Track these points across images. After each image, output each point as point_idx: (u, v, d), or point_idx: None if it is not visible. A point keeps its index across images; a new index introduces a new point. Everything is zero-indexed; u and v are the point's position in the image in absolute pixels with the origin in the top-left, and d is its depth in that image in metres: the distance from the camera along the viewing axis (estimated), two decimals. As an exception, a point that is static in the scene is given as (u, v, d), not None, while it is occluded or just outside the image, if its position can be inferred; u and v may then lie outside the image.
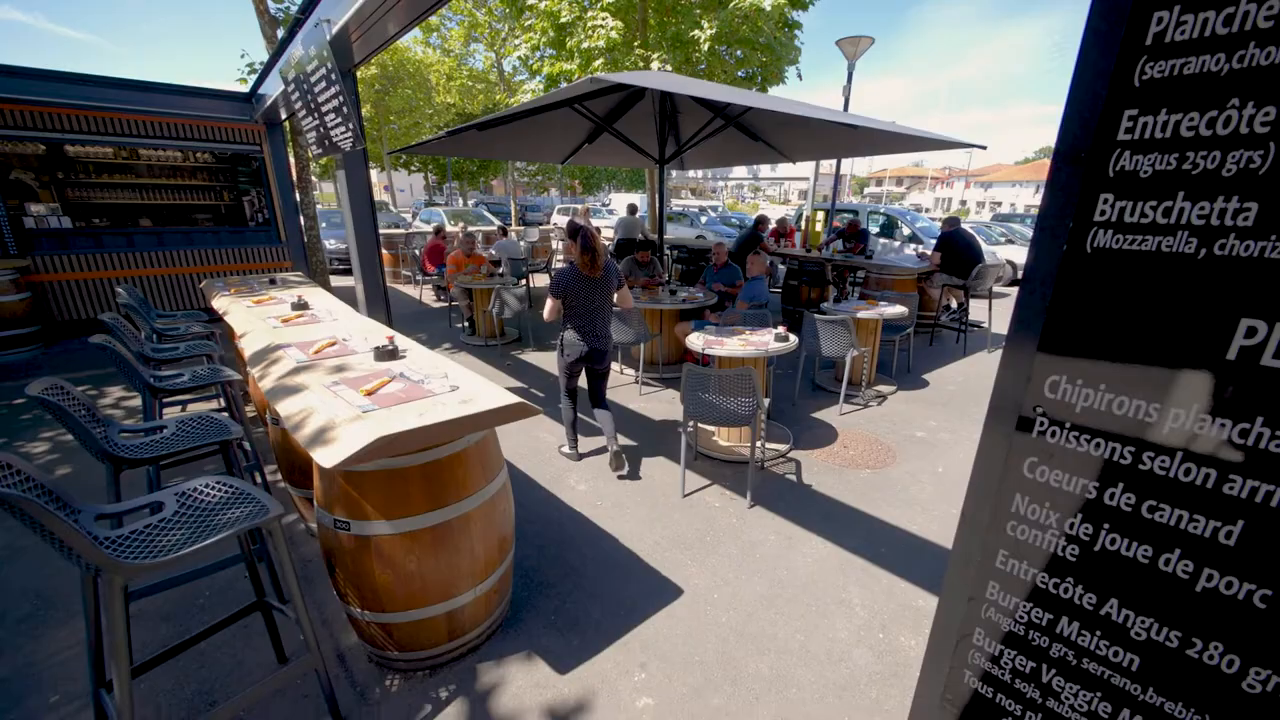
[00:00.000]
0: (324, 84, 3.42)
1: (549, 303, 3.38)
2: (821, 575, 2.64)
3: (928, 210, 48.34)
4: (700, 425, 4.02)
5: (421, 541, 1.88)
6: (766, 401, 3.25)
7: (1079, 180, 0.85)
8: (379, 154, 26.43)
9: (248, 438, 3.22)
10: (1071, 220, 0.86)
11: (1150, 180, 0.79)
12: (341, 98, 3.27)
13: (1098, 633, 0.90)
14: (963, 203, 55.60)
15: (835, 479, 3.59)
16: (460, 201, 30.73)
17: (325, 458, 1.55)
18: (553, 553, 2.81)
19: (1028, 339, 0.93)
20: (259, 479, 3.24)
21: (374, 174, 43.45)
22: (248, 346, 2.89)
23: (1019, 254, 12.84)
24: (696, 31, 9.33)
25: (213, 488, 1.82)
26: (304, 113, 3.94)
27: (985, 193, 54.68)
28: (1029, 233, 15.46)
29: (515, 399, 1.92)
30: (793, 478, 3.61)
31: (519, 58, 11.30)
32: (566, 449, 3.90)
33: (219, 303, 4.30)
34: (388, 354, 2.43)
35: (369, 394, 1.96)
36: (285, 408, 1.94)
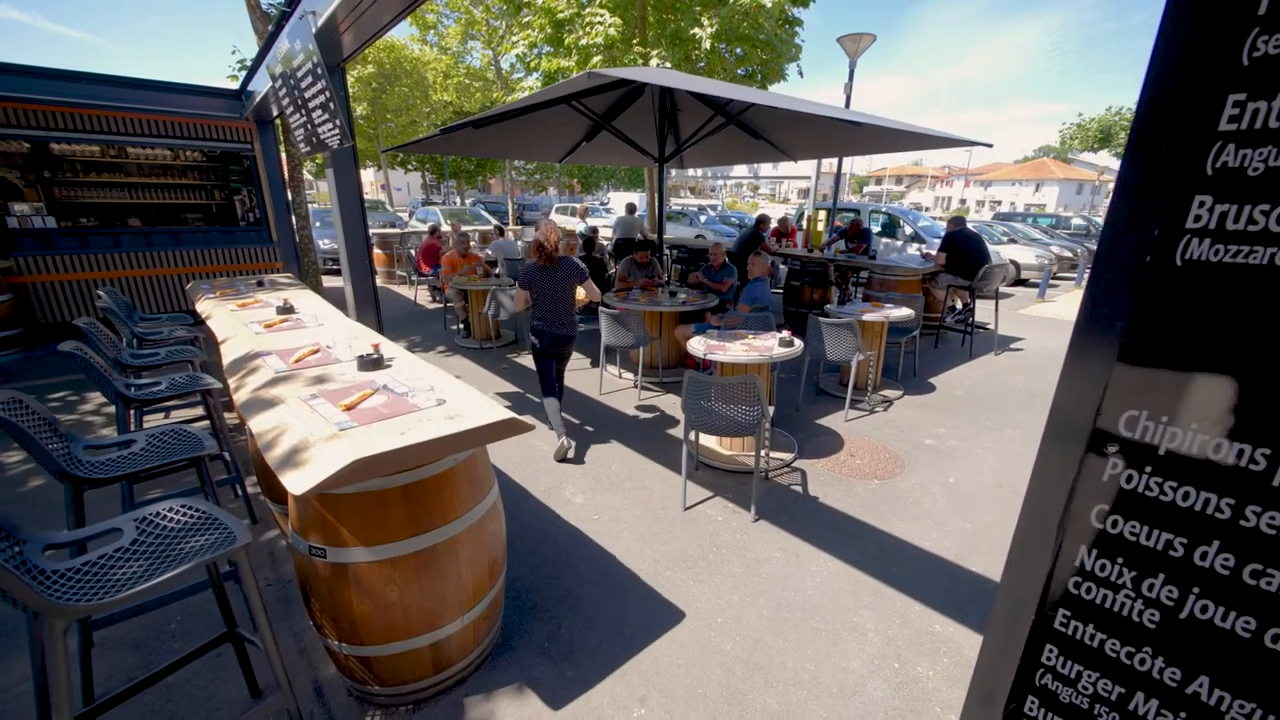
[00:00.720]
0: (310, 79, 3.27)
1: (517, 293, 3.76)
2: (831, 597, 2.50)
3: (927, 209, 48.24)
4: (702, 434, 3.88)
5: (403, 569, 1.74)
6: (771, 410, 3.12)
7: (1165, 179, 0.71)
8: (375, 152, 26.26)
9: (227, 449, 3.08)
10: (1156, 227, 0.72)
11: (1262, 179, 0.65)
12: (328, 93, 3.12)
13: (1183, 715, 0.76)
14: (962, 201, 55.44)
15: (842, 490, 3.45)
16: (458, 200, 30.53)
17: (295, 483, 1.41)
18: (547, 572, 2.67)
19: (1096, 367, 0.79)
20: (239, 492, 3.10)
21: (370, 173, 43.24)
22: (227, 354, 2.75)
23: (1021, 253, 12.72)
24: (696, 29, 9.18)
25: (177, 512, 1.67)
26: (291, 109, 3.80)
27: (985, 191, 54.47)
28: (1033, 232, 15.34)
29: (506, 414, 1.78)
30: (798, 489, 3.47)
31: (516, 55, 11.14)
32: (561, 440, 3.82)
33: (203, 306, 4.16)
34: (372, 363, 2.29)
35: (348, 409, 1.81)
36: (258, 423, 1.80)
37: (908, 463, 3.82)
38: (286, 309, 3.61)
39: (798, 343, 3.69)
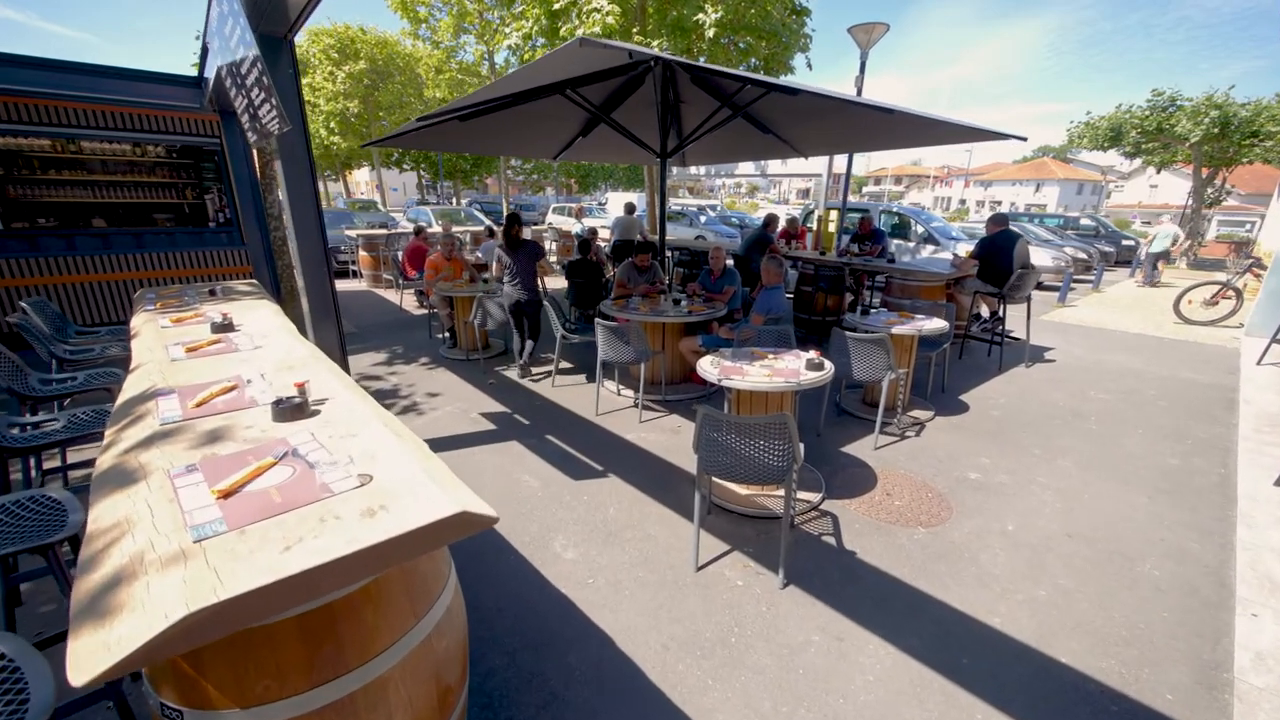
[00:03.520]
0: (242, 50, 2.72)
1: (493, 265, 5.59)
2: (890, 705, 1.95)
3: (926, 209, 47.73)
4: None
5: (304, 733, 1.18)
6: (801, 448, 2.58)
7: None
8: (369, 152, 25.68)
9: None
10: None
11: None
12: (260, 66, 2.57)
13: None
14: (962, 202, 55.05)
15: (883, 542, 2.90)
16: (455, 200, 29.96)
17: (78, 665, 0.85)
18: (527, 664, 2.12)
19: None
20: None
21: (365, 172, 42.65)
22: (126, 389, 2.19)
23: (1036, 255, 12.13)
24: (700, 15, 8.62)
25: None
26: (234, 91, 3.24)
27: (985, 191, 54.02)
28: (1040, 232, 14.83)
29: (458, 504, 1.22)
30: (830, 539, 2.93)
31: (509, 47, 10.57)
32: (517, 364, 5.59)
33: (137, 319, 3.59)
34: (292, 411, 1.73)
35: (225, 495, 1.26)
36: (96, 518, 1.25)
37: (955, 504, 3.27)
38: (224, 326, 3.04)
39: (828, 365, 3.14)
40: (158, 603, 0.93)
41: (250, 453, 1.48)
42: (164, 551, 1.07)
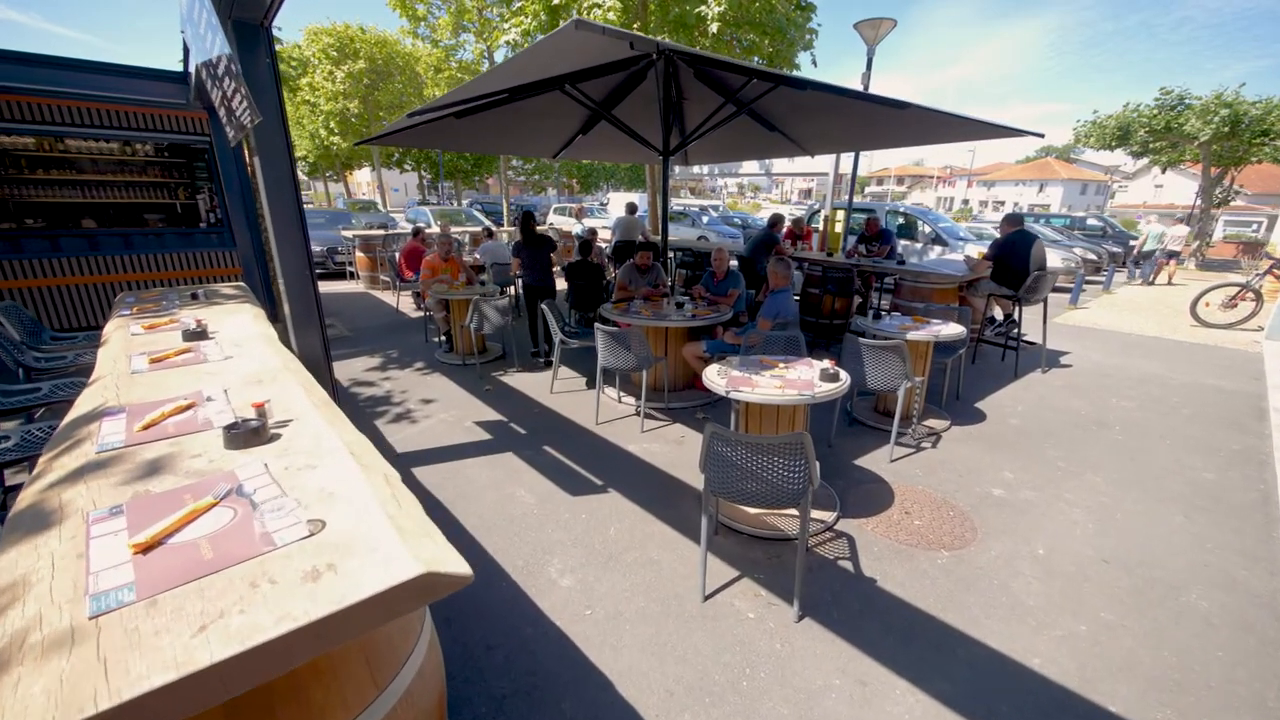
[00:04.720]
0: (210, 35, 2.52)
1: (513, 260, 6.05)
2: (924, 765, 1.74)
3: (930, 210, 47.45)
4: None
5: (235, 841, 0.98)
6: (817, 466, 2.37)
7: None
8: (370, 152, 25.52)
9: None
10: None
11: None
12: (229, 53, 2.37)
13: None
14: (965, 202, 54.75)
15: (904, 567, 2.69)
16: (455, 201, 29.78)
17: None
18: (518, 714, 1.91)
19: None
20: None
21: (366, 172, 42.54)
22: (75, 407, 1.99)
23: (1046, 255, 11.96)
24: (703, 8, 8.41)
25: None
26: (210, 83, 3.04)
27: (988, 192, 53.73)
28: (1048, 232, 14.58)
29: (420, 567, 1.00)
30: (848, 564, 2.71)
31: (508, 42, 10.37)
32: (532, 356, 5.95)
33: (110, 325, 3.39)
34: (246, 437, 1.52)
35: (144, 549, 1.05)
36: (-8, 574, 1.04)
37: (979, 524, 3.05)
38: (196, 333, 2.83)
39: (844, 375, 2.92)
40: (20, 714, 0.72)
41: (189, 490, 1.27)
42: (51, 630, 0.86)
